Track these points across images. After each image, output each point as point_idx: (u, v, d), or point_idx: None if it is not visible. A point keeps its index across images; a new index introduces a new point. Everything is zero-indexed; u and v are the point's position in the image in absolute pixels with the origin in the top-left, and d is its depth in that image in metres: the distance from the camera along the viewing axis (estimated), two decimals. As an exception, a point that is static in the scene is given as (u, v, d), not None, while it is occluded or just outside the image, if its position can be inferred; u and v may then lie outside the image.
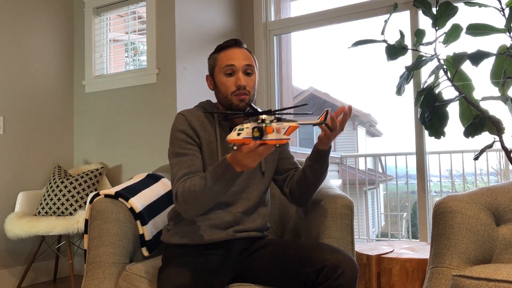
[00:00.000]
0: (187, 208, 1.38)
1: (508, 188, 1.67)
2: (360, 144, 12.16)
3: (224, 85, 1.51)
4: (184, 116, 1.53)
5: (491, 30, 2.20)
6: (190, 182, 1.36)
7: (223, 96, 1.53)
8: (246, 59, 1.52)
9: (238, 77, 1.49)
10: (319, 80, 11.53)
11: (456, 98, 2.29)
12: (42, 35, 3.30)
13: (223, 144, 1.54)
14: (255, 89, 1.56)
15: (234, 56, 1.51)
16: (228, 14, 3.38)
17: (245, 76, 1.51)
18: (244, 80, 1.49)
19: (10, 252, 3.02)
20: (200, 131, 1.52)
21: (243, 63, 1.50)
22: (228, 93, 1.51)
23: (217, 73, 1.54)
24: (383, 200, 7.85)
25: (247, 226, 1.54)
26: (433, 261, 1.56)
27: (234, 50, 1.52)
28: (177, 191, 1.39)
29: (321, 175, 1.53)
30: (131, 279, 1.52)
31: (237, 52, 1.52)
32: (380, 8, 2.98)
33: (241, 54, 1.52)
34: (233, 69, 1.50)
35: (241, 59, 1.50)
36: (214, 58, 1.56)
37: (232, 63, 1.50)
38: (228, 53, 1.52)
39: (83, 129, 3.41)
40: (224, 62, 1.51)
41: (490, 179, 4.39)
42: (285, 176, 1.64)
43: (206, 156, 1.52)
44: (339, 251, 1.36)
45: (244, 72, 1.51)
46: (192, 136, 1.50)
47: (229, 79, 1.51)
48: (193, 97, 3.03)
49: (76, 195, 2.92)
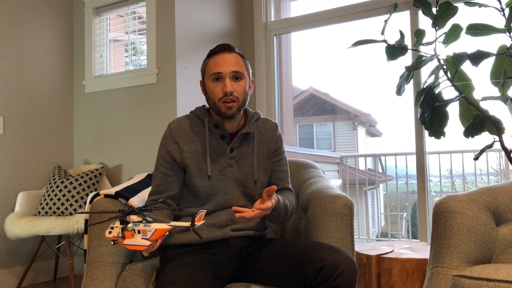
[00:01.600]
0: None
1: (508, 188, 1.67)
2: (360, 144, 12.16)
3: (212, 92, 1.51)
4: (170, 129, 1.56)
5: (491, 30, 2.20)
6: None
7: (211, 102, 1.52)
8: (234, 65, 1.49)
9: (224, 83, 1.48)
10: (319, 80, 11.52)
11: (456, 98, 2.29)
12: (42, 35, 3.30)
13: (213, 152, 1.54)
14: (247, 94, 1.54)
15: (222, 63, 1.49)
16: (228, 14, 3.38)
17: (233, 82, 1.49)
18: (231, 86, 1.47)
19: (10, 252, 3.02)
20: (184, 145, 1.53)
21: (230, 69, 1.48)
22: (216, 99, 1.50)
23: (206, 79, 1.53)
24: (383, 200, 7.85)
25: (244, 225, 1.55)
26: (433, 261, 1.56)
27: (223, 56, 1.51)
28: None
29: (279, 220, 1.54)
30: (131, 279, 1.52)
31: (226, 58, 1.50)
32: (380, 8, 2.98)
33: (230, 60, 1.50)
34: (220, 76, 1.49)
35: (228, 65, 1.49)
36: (204, 64, 1.56)
37: (219, 70, 1.49)
38: (216, 59, 1.51)
39: (83, 129, 3.41)
40: (211, 69, 1.51)
41: (490, 179, 4.38)
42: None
43: (193, 169, 1.53)
44: (339, 251, 1.37)
45: (232, 78, 1.49)
46: (171, 151, 1.54)
47: (217, 85, 1.50)
48: (193, 97, 3.03)
49: (76, 195, 2.92)
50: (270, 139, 1.62)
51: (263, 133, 1.62)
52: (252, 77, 1.61)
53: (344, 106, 11.33)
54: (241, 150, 1.57)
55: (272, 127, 1.64)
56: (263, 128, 1.62)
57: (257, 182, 1.57)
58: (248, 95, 1.56)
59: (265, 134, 1.62)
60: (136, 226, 1.19)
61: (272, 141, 1.62)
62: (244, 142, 1.58)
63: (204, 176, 1.52)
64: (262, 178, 1.59)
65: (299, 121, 11.10)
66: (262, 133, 1.61)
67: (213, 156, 1.54)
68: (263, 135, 1.61)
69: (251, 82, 1.59)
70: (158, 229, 1.19)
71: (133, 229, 1.19)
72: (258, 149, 1.59)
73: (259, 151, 1.59)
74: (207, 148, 1.53)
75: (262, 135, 1.61)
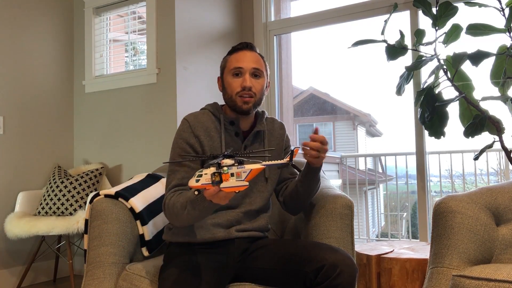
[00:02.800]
0: (173, 221, 1.43)
1: (508, 188, 1.67)
2: (360, 144, 12.16)
3: (231, 86, 1.53)
4: (189, 123, 1.54)
5: (491, 30, 2.20)
6: (176, 198, 1.39)
7: (228, 96, 1.54)
8: (255, 62, 1.53)
9: (244, 78, 1.51)
10: (319, 80, 11.51)
11: (456, 98, 2.29)
12: (42, 35, 3.29)
13: (228, 149, 1.54)
14: (263, 93, 1.57)
15: (244, 59, 1.52)
16: (228, 14, 3.38)
17: (253, 79, 1.53)
18: (250, 82, 1.50)
19: (10, 252, 3.02)
20: (203, 139, 1.53)
21: (251, 66, 1.52)
22: (233, 93, 1.52)
23: (226, 74, 1.56)
24: (383, 200, 7.85)
25: (249, 225, 1.56)
26: (433, 261, 1.56)
27: (244, 52, 1.54)
28: (166, 202, 1.44)
29: (312, 190, 1.56)
30: (131, 279, 1.52)
31: (247, 55, 1.53)
32: (380, 8, 2.98)
33: (251, 57, 1.53)
34: (241, 71, 1.52)
35: (250, 62, 1.52)
36: (225, 60, 1.59)
37: (240, 65, 1.52)
38: (238, 55, 1.54)
39: (83, 129, 3.41)
40: (233, 64, 1.53)
41: (490, 179, 4.38)
42: (282, 185, 1.67)
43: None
44: (338, 251, 1.37)
45: (251, 74, 1.52)
46: (194, 145, 1.52)
47: (236, 79, 1.52)
48: (193, 97, 3.03)
49: (76, 195, 2.92)
50: (280, 137, 1.67)
51: (272, 131, 1.66)
52: (269, 78, 1.64)
53: (344, 106, 11.32)
54: (254, 148, 1.59)
55: (280, 126, 1.69)
56: (271, 126, 1.67)
57: (268, 179, 1.60)
58: (264, 95, 1.59)
59: (274, 132, 1.66)
60: (230, 169, 1.17)
61: (281, 139, 1.67)
62: (256, 140, 1.61)
63: None
64: (273, 176, 1.63)
65: (299, 121, 11.09)
66: (271, 131, 1.65)
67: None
68: (272, 133, 1.65)
69: (268, 83, 1.62)
70: (253, 169, 1.17)
71: (227, 173, 1.16)
72: (269, 147, 1.63)
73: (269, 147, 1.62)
74: (222, 144, 1.54)
75: (272, 134, 1.65)
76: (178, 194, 1.41)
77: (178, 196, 1.39)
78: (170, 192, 1.46)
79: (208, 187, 1.17)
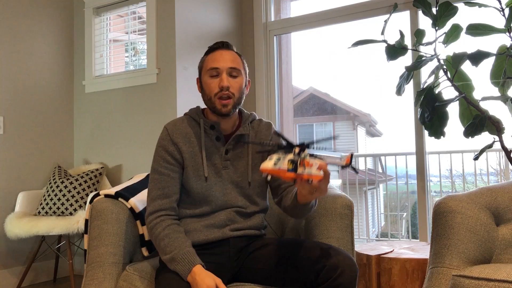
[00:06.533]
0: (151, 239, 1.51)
1: (508, 188, 1.67)
2: (360, 144, 12.16)
3: (208, 87, 1.51)
4: (167, 131, 1.55)
5: (491, 30, 2.20)
6: (160, 231, 1.44)
7: (207, 98, 1.52)
8: (232, 62, 1.51)
9: (221, 78, 1.49)
10: (319, 80, 11.51)
11: (456, 98, 2.29)
12: (42, 35, 3.29)
13: (209, 154, 1.54)
14: (243, 92, 1.54)
15: (220, 58, 1.50)
16: (228, 14, 3.38)
17: (230, 78, 1.50)
18: (227, 82, 1.48)
19: (10, 252, 3.02)
20: (182, 146, 1.52)
21: (228, 65, 1.50)
22: (212, 94, 1.50)
23: (203, 75, 1.54)
24: (383, 200, 7.85)
25: (243, 224, 1.55)
26: (433, 261, 1.56)
27: (220, 52, 1.52)
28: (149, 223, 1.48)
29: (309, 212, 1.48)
30: (131, 279, 1.52)
31: (223, 55, 1.51)
32: (380, 8, 2.98)
33: (227, 57, 1.51)
34: (217, 71, 1.50)
35: (226, 61, 1.50)
36: (202, 61, 1.57)
37: (216, 65, 1.50)
38: (214, 55, 1.52)
39: (83, 129, 3.41)
40: (209, 64, 1.52)
41: (490, 179, 4.38)
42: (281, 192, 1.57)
43: (190, 170, 1.52)
44: (339, 251, 1.36)
45: (228, 74, 1.50)
46: (173, 152, 1.52)
47: (213, 80, 1.50)
48: (193, 97, 3.03)
49: (76, 195, 2.92)
50: (265, 138, 1.62)
51: (258, 133, 1.61)
52: (248, 77, 1.62)
53: (344, 106, 11.32)
54: (236, 152, 1.57)
55: (266, 127, 1.63)
56: (257, 128, 1.62)
57: (251, 183, 1.57)
58: (244, 94, 1.56)
59: (259, 134, 1.61)
60: (307, 158, 1.16)
61: (267, 140, 1.62)
62: (239, 143, 1.58)
63: (201, 177, 1.52)
64: (258, 178, 1.58)
65: (299, 121, 11.09)
66: (257, 133, 1.61)
67: (209, 158, 1.54)
68: (258, 135, 1.61)
69: (247, 81, 1.59)
70: (321, 164, 1.17)
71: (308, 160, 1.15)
72: (253, 150, 1.59)
73: (254, 151, 1.59)
74: (203, 149, 1.53)
75: (257, 136, 1.61)
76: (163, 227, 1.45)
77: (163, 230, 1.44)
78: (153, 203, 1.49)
79: (282, 172, 1.15)
